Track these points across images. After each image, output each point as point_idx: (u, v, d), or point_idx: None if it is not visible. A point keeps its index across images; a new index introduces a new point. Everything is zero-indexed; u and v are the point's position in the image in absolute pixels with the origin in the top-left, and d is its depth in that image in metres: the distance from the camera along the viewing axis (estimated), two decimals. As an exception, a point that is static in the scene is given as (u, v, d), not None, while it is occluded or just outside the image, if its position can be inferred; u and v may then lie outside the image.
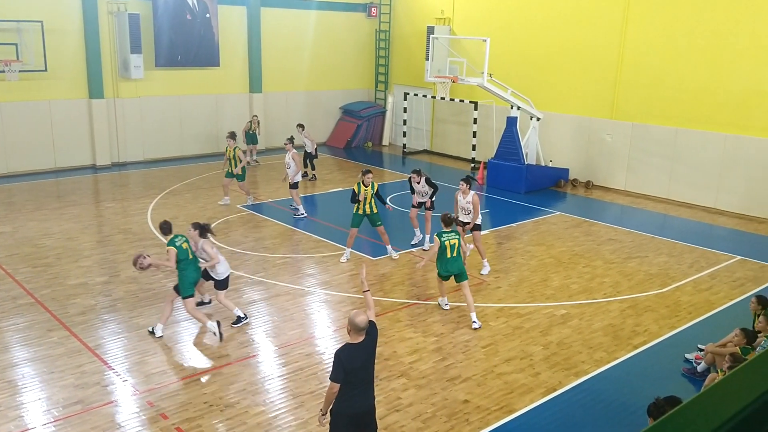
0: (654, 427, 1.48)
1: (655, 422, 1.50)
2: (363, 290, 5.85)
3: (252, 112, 21.43)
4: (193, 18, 19.60)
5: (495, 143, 18.68)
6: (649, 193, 17.35)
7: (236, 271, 11.09)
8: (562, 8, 18.47)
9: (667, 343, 9.07)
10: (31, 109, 17.43)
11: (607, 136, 17.99)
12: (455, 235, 9.28)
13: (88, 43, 17.89)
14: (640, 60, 16.99)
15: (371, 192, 11.73)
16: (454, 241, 9.20)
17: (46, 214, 14.12)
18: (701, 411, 1.56)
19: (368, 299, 5.85)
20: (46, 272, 10.85)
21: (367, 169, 12.11)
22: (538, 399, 7.51)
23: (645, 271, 11.83)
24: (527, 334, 9.14)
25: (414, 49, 22.68)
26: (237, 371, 7.88)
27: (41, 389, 7.36)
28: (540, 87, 19.00)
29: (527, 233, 13.97)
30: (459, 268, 9.27)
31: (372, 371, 5.54)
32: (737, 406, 1.52)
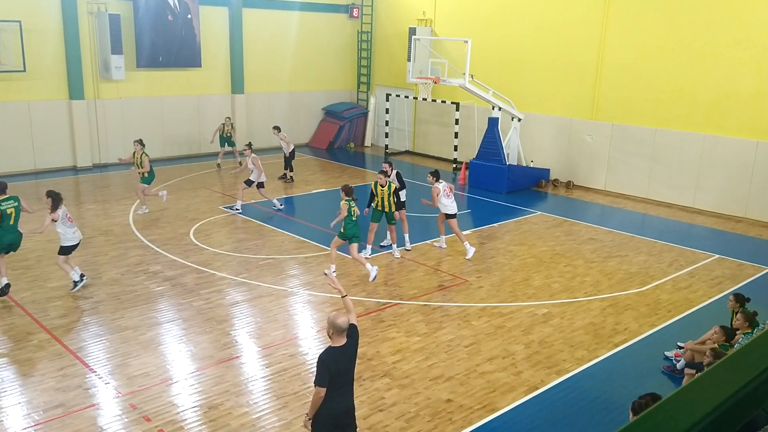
0: (635, 423, 1.51)
1: (636, 418, 1.53)
2: (341, 296, 5.85)
3: (235, 112, 21.34)
4: (174, 19, 19.46)
5: (477, 144, 18.78)
6: (628, 192, 17.55)
7: (219, 272, 11.05)
8: (543, 10, 18.62)
9: (648, 341, 9.20)
10: (10, 109, 17.20)
11: (587, 136, 18.18)
12: (354, 203, 10.96)
13: (67, 43, 17.69)
14: (620, 61, 17.19)
15: (387, 192, 11.89)
16: (354, 209, 10.90)
17: (26, 216, 13.86)
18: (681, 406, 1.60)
19: (347, 303, 5.86)
20: (26, 275, 10.72)
21: (382, 169, 12.26)
22: (520, 397, 7.57)
23: (625, 270, 11.97)
24: (509, 333, 9.21)
25: (396, 50, 22.73)
26: (220, 373, 7.86)
27: (21, 393, 7.28)
28: (521, 88, 19.13)
29: (509, 233, 14.07)
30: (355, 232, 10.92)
31: (352, 374, 5.57)
32: (716, 401, 1.56)
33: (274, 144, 20.26)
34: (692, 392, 1.65)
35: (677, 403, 1.59)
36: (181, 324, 9.16)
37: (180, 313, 9.49)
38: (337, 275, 11.15)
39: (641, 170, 17.24)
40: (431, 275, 11.34)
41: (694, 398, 1.61)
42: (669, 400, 1.59)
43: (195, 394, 7.39)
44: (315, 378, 5.36)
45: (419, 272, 11.46)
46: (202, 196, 16.04)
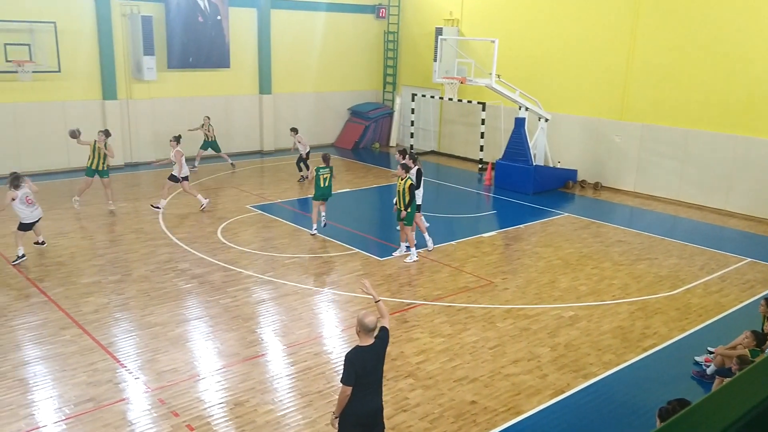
0: (663, 429, 1.51)
1: (664, 423, 1.52)
2: (375, 301, 5.87)
3: (262, 113, 21.53)
4: (204, 20, 19.71)
5: (503, 144, 18.68)
6: (658, 194, 17.30)
7: (245, 270, 11.17)
8: (571, 8, 18.45)
9: (677, 345, 9.06)
10: (45, 109, 17.59)
11: (616, 137, 17.96)
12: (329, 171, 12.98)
13: (101, 44, 18.04)
14: (650, 60, 16.95)
15: (402, 186, 11.55)
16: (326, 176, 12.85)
17: (60, 213, 14.25)
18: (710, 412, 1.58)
19: (381, 308, 5.87)
20: (59, 271, 10.96)
21: (402, 163, 11.82)
22: (546, 401, 7.52)
23: (654, 273, 11.81)
24: (535, 335, 9.16)
25: (422, 51, 22.71)
26: (246, 370, 7.95)
27: (53, 387, 7.45)
28: (548, 88, 18.98)
29: (535, 234, 13.97)
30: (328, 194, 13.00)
31: (381, 374, 5.60)
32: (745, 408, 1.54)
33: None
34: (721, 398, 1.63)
35: (706, 410, 1.58)
36: (208, 321, 9.29)
37: (207, 311, 9.63)
38: (361, 275, 11.20)
39: (672, 171, 16.98)
40: (456, 276, 11.31)
41: (723, 404, 1.59)
42: (697, 406, 1.57)
43: (221, 390, 7.49)
44: (341, 376, 5.41)
45: (444, 273, 11.44)
46: (230, 195, 16.22)
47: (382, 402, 5.64)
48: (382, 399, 5.66)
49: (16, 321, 9.05)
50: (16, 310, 9.41)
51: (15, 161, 17.36)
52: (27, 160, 17.55)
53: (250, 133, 21.61)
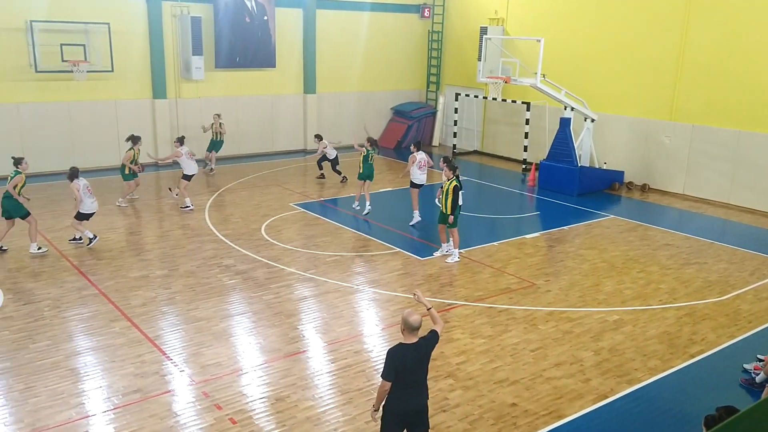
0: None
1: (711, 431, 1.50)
2: (427, 309, 5.87)
3: (306, 112, 21.75)
4: (251, 20, 20.04)
5: (547, 144, 18.45)
6: (708, 197, 16.83)
7: (288, 267, 11.32)
8: (620, 6, 18.09)
9: (726, 352, 8.81)
10: (98, 107, 18.17)
11: (665, 137, 17.54)
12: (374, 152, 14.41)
13: (152, 45, 18.54)
14: (702, 59, 16.49)
15: (446, 187, 11.49)
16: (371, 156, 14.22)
17: (111, 209, 14.70)
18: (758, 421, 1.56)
19: (434, 315, 5.86)
20: (110, 265, 11.31)
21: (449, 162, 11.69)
22: (588, 405, 7.41)
23: (703, 278, 11.50)
24: (578, 339, 9.03)
25: (466, 50, 22.60)
26: (287, 366, 8.06)
27: (102, 377, 7.70)
28: (595, 88, 18.66)
29: (579, 236, 13.76)
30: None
31: (424, 373, 5.60)
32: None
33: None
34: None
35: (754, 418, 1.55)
36: (251, 317, 9.45)
37: (250, 306, 9.80)
38: (402, 274, 11.23)
39: (723, 174, 16.49)
40: (497, 277, 11.24)
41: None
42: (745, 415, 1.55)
43: (263, 385, 7.62)
44: (382, 371, 5.46)
45: (485, 274, 11.37)
46: (274, 193, 16.46)
47: (425, 402, 5.65)
48: (425, 400, 5.66)
49: (69, 312, 9.39)
50: (69, 302, 9.75)
51: (69, 158, 17.95)
52: (80, 157, 18.11)
53: (294, 133, 21.87)
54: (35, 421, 6.79)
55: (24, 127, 17.22)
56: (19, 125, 17.14)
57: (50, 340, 8.52)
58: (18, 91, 16.96)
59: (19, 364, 7.90)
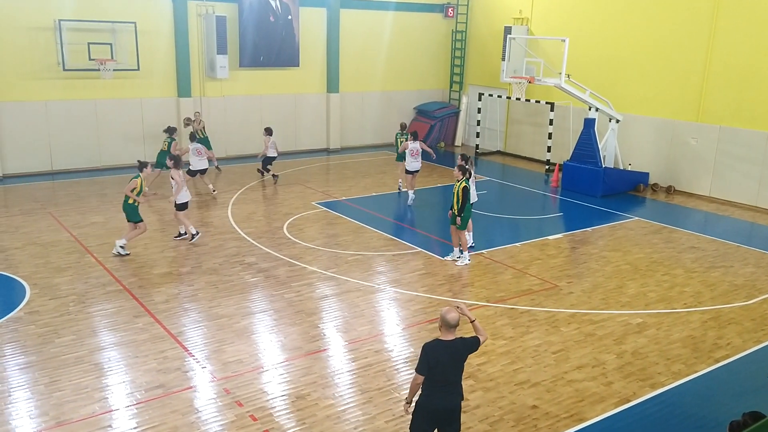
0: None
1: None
2: (470, 321, 5.88)
3: (329, 111, 21.80)
4: (276, 20, 20.16)
5: (571, 145, 18.28)
6: (735, 199, 16.54)
7: (309, 266, 11.36)
8: (646, 6, 17.85)
9: (752, 357, 8.66)
10: (125, 106, 18.42)
11: (691, 139, 17.27)
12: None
13: (177, 43, 18.74)
14: (729, 60, 16.21)
15: (457, 188, 11.37)
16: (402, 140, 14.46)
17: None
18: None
19: (477, 327, 5.87)
20: (134, 261, 11.46)
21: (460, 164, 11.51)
22: (610, 409, 7.33)
23: (729, 281, 11.31)
24: (600, 341, 8.93)
25: (490, 50, 22.48)
26: (308, 364, 8.09)
27: (125, 372, 7.80)
28: (620, 88, 18.44)
29: (603, 238, 13.61)
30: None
31: (458, 373, 5.62)
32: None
33: (364, 142, 20.63)
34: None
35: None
36: (272, 315, 9.51)
37: (272, 304, 9.86)
38: (422, 274, 11.20)
39: (751, 176, 16.19)
40: (519, 278, 11.16)
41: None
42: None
43: (284, 383, 7.66)
44: (417, 365, 5.53)
45: (507, 275, 11.31)
46: (296, 191, 16.53)
47: (457, 403, 5.66)
48: (458, 400, 5.66)
49: (94, 308, 9.53)
50: (93, 297, 9.90)
51: (95, 155, 18.27)
52: (106, 154, 18.41)
53: (316, 131, 21.94)
54: (59, 414, 6.91)
55: (51, 124, 17.51)
56: (46, 123, 17.44)
57: (75, 335, 8.66)
58: (46, 89, 17.26)
59: (45, 358, 8.04)
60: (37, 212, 14.13)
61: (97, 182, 17.04)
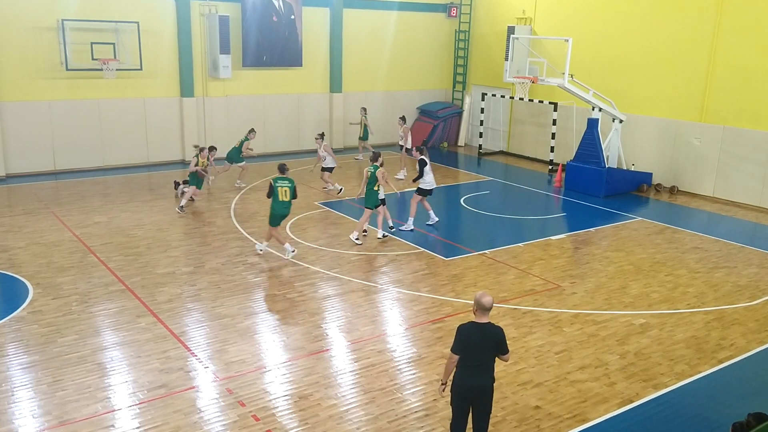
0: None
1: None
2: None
3: (332, 111, 21.79)
4: (278, 19, 20.17)
5: (574, 145, 18.25)
6: (739, 200, 16.49)
7: (312, 266, 11.36)
8: (650, 6, 17.81)
9: (756, 358, 8.63)
10: (127, 105, 18.44)
11: (695, 139, 17.24)
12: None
13: (180, 43, 18.75)
14: (734, 58, 16.17)
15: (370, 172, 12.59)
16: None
17: (139, 206, 14.92)
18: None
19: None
20: (137, 261, 11.47)
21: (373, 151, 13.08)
22: (613, 410, 7.32)
23: (733, 282, 11.28)
24: (603, 342, 8.92)
25: (493, 50, 22.47)
26: (311, 364, 8.09)
27: (128, 372, 7.80)
28: (624, 88, 18.41)
29: (606, 239, 13.58)
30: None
31: (489, 356, 5.84)
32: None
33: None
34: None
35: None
36: (275, 314, 9.51)
37: (275, 304, 9.86)
38: (424, 275, 11.19)
39: (754, 176, 16.15)
40: (522, 279, 11.15)
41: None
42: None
43: (286, 383, 7.66)
44: (452, 345, 5.85)
45: (510, 275, 11.30)
46: (299, 191, 16.47)
47: (489, 384, 5.88)
48: (489, 381, 5.86)
49: (96, 307, 9.54)
50: (96, 297, 9.91)
51: (99, 155, 18.30)
52: (110, 154, 18.44)
53: (320, 131, 21.90)
54: (62, 414, 6.91)
55: (55, 124, 17.55)
56: (50, 122, 17.47)
57: (77, 335, 8.67)
58: (49, 88, 17.29)
59: (48, 357, 8.05)
60: (41, 212, 14.16)
61: (100, 182, 17.07)
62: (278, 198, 11.44)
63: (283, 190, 11.46)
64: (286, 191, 11.47)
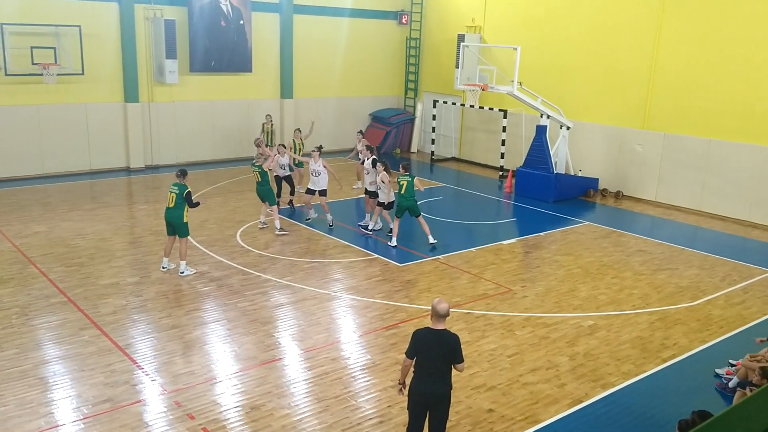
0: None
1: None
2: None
3: (283, 117, 21.61)
4: (227, 24, 19.90)
5: (524, 152, 18.58)
6: (680, 204, 17.08)
7: (264, 274, 11.20)
8: (595, 16, 18.33)
9: (698, 357, 8.92)
10: (68, 111, 17.85)
11: (638, 146, 17.78)
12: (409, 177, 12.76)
13: (124, 48, 18.28)
14: (674, 69, 16.77)
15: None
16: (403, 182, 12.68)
17: (81, 214, 14.44)
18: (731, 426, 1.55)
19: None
20: (79, 272, 11.08)
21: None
22: (563, 410, 7.44)
23: (675, 283, 11.64)
24: (554, 344, 9.06)
25: (444, 57, 22.70)
26: (263, 374, 7.96)
27: (71, 387, 7.52)
28: (570, 96, 18.86)
29: (555, 243, 13.85)
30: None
31: (443, 363, 5.84)
32: None
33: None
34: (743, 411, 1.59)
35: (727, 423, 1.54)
36: (225, 324, 9.33)
37: (225, 314, 9.67)
38: (379, 281, 11.18)
39: (694, 181, 16.75)
40: (475, 283, 11.25)
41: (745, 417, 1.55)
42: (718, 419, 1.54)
43: (238, 394, 7.51)
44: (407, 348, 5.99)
45: (463, 280, 11.39)
46: (249, 198, 16.30)
47: (444, 391, 5.89)
48: (444, 389, 5.87)
49: (37, 320, 9.17)
50: (37, 309, 9.53)
51: (38, 162, 17.66)
52: (50, 162, 17.82)
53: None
54: (3, 430, 6.61)
55: (-7, 130, 16.86)
56: (-13, 129, 16.77)
57: (18, 349, 8.31)
58: (-13, 94, 16.62)
59: (-15, 373, 7.70)
60: (-23, 222, 13.55)
61: (39, 190, 16.46)
62: (167, 203, 11.04)
63: (171, 195, 10.99)
64: (173, 197, 10.95)
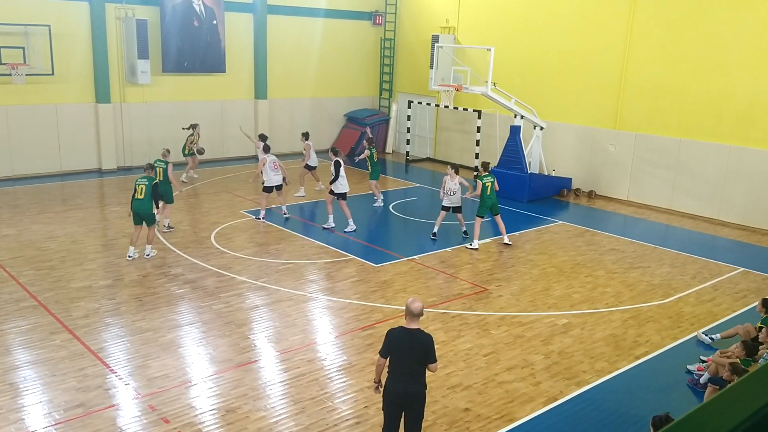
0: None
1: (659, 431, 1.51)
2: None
3: (257, 118, 21.46)
4: (200, 24, 19.71)
5: (498, 152, 18.71)
6: (651, 203, 17.35)
7: (239, 276, 11.12)
8: (567, 18, 18.53)
9: (669, 354, 9.06)
10: (38, 112, 17.53)
11: (610, 146, 18.02)
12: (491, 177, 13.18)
13: (95, 47, 18.00)
14: (644, 70, 17.04)
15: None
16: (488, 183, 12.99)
17: (51, 217, 14.18)
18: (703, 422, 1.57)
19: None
20: (50, 275, 10.88)
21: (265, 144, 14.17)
22: (539, 408, 7.50)
23: (647, 281, 11.82)
24: (529, 343, 9.14)
25: (418, 58, 22.76)
26: (239, 376, 7.89)
27: (43, 392, 7.38)
28: (544, 96, 19.04)
29: (529, 242, 13.97)
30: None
31: (417, 363, 5.85)
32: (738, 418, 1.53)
33: (296, 149, 20.45)
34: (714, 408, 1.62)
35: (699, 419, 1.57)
36: (200, 327, 9.23)
37: (200, 316, 9.57)
38: (355, 282, 11.17)
39: (665, 181, 17.04)
40: (450, 283, 11.30)
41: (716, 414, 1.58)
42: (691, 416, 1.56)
43: (213, 397, 7.44)
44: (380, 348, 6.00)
45: (438, 279, 11.43)
46: (224, 199, 16.18)
47: (418, 391, 5.91)
48: (418, 388, 5.88)
49: (6, 325, 8.98)
50: (6, 314, 9.33)
51: (7, 164, 17.31)
52: (19, 163, 17.47)
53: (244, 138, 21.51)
54: (-31, 440, 6.46)
55: (-41, 131, 16.47)
56: (-47, 130, 16.38)
57: (-14, 355, 8.14)
58: (-48, 94, 16.23)
59: (-48, 380, 7.51)
60: (-58, 225, 13.23)
61: (8, 192, 16.13)
62: (135, 195, 11.52)
63: (140, 187, 11.47)
64: (143, 189, 11.44)
